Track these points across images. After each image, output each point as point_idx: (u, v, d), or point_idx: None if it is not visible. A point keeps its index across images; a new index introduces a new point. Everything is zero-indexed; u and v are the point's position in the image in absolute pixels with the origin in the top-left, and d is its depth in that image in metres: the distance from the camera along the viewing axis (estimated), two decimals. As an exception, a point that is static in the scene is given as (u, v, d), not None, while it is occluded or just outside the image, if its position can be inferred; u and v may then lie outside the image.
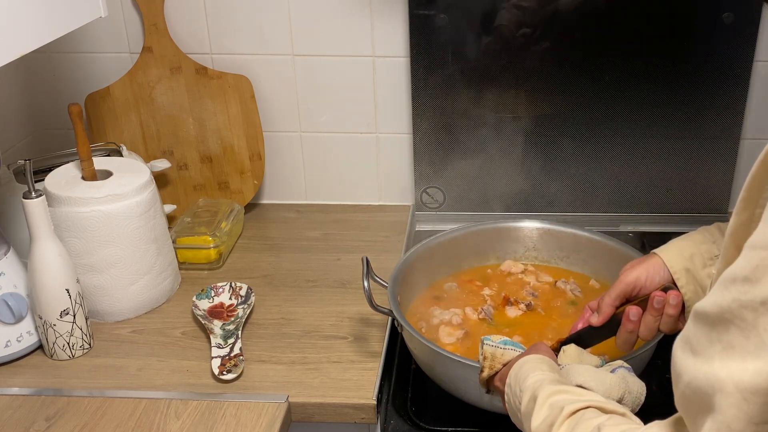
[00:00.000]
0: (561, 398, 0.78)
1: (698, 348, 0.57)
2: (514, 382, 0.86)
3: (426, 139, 1.57)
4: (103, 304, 1.28)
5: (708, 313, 0.56)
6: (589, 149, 1.55)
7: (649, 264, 1.00)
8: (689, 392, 0.58)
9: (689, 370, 0.58)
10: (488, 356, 0.95)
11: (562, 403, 0.77)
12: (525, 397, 0.82)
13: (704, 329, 0.57)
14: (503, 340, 0.96)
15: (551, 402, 0.78)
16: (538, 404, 0.78)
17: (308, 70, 1.57)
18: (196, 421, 1.07)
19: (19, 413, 1.09)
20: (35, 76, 1.61)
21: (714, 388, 0.54)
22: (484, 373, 0.95)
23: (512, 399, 0.85)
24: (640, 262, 1.02)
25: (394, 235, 1.56)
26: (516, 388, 0.85)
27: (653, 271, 0.99)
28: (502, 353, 0.94)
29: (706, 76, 1.48)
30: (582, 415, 0.74)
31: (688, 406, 0.59)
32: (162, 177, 1.59)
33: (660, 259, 0.99)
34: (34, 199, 1.12)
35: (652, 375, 1.15)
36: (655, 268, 0.99)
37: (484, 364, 0.95)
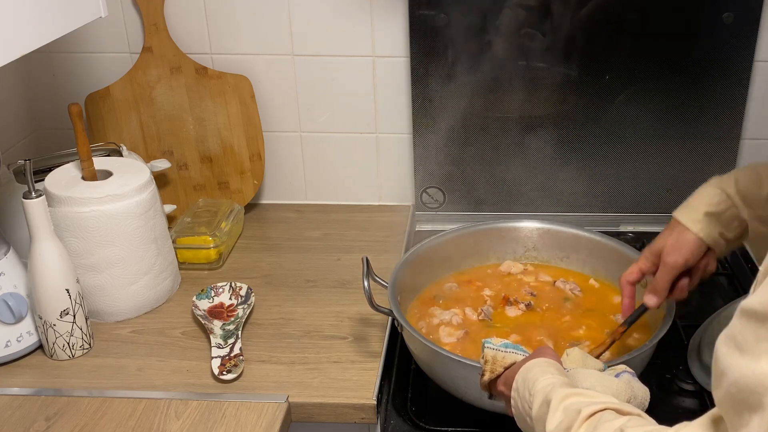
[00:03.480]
0: (576, 401, 0.76)
1: (745, 346, 0.57)
2: (523, 386, 0.85)
3: (426, 139, 1.57)
4: (103, 304, 1.28)
5: (756, 310, 0.56)
6: (589, 149, 1.55)
7: (692, 246, 1.04)
8: (735, 390, 0.57)
9: (735, 368, 0.57)
10: (489, 359, 0.93)
11: (577, 405, 0.75)
12: (536, 401, 0.80)
13: (752, 327, 0.56)
14: (504, 343, 0.94)
15: (566, 405, 0.76)
16: (552, 408, 0.77)
17: (308, 70, 1.57)
18: (196, 421, 1.07)
19: (19, 413, 1.09)
20: (35, 76, 1.61)
21: (764, 387, 0.54)
22: (485, 376, 0.94)
23: (520, 403, 0.84)
24: (681, 244, 1.04)
25: (394, 235, 1.56)
26: (525, 392, 0.83)
27: (697, 252, 1.04)
28: (504, 356, 0.93)
29: (706, 76, 1.48)
30: (600, 417, 0.73)
31: (733, 405, 0.58)
32: (162, 177, 1.59)
33: (697, 237, 1.04)
34: (34, 199, 1.12)
35: (652, 375, 1.15)
36: (698, 248, 1.04)
37: (485, 367, 0.94)
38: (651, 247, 1.08)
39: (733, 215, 1.04)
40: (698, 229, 1.04)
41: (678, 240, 1.04)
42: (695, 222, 1.04)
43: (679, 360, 1.18)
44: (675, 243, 1.05)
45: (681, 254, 1.04)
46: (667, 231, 1.07)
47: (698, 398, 1.13)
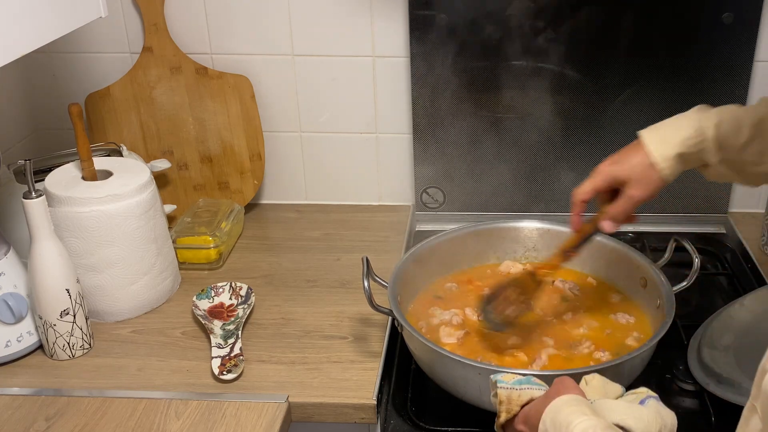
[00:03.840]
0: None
1: None
2: (553, 429, 0.78)
3: (426, 139, 1.57)
4: (103, 304, 1.28)
5: None
6: (589, 149, 1.55)
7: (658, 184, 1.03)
8: None
9: None
10: (504, 400, 0.86)
11: None
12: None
13: None
14: (518, 380, 0.88)
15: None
16: None
17: (308, 70, 1.57)
18: (196, 421, 1.07)
19: (19, 413, 1.09)
20: (35, 76, 1.61)
21: None
22: (501, 418, 0.87)
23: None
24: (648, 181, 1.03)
25: (394, 235, 1.56)
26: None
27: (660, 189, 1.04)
28: (519, 395, 0.86)
29: (706, 76, 1.48)
30: None
31: None
32: (162, 177, 1.59)
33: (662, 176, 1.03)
34: (34, 199, 1.12)
35: (652, 375, 1.15)
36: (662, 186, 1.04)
37: (500, 408, 0.87)
38: (613, 170, 1.06)
39: (700, 158, 1.03)
40: (666, 170, 1.02)
41: (645, 175, 1.03)
42: (665, 160, 1.02)
43: (679, 360, 1.18)
44: (641, 178, 1.03)
45: (647, 190, 1.03)
46: (633, 155, 1.04)
47: (698, 398, 1.13)
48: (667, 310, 1.10)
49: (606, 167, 1.07)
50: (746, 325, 1.23)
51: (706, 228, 1.59)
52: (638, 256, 1.24)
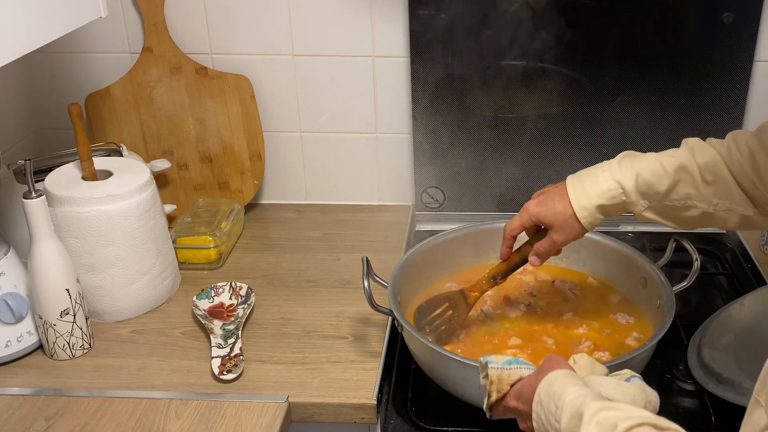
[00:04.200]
0: (610, 415, 0.74)
1: None
2: (547, 399, 0.81)
3: (426, 139, 1.57)
4: (103, 304, 1.28)
5: None
6: (589, 149, 1.55)
7: (577, 232, 1.09)
8: None
9: None
10: (494, 380, 0.89)
11: (613, 420, 0.73)
12: (565, 413, 0.77)
13: None
14: (507, 360, 0.90)
15: (600, 419, 0.73)
16: (584, 422, 0.74)
17: (308, 70, 1.57)
18: (196, 421, 1.07)
19: (19, 413, 1.09)
20: (35, 76, 1.61)
21: None
22: (492, 397, 0.89)
23: (545, 417, 0.81)
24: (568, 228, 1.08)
25: (394, 235, 1.56)
26: (550, 406, 0.80)
27: (579, 236, 1.10)
28: (509, 374, 0.89)
29: (706, 76, 1.48)
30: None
31: None
32: (162, 177, 1.59)
33: (582, 226, 1.08)
34: (34, 199, 1.12)
35: (652, 375, 1.15)
36: (581, 234, 1.09)
37: (490, 388, 0.89)
38: (539, 213, 1.10)
39: (622, 208, 1.07)
40: (585, 221, 1.07)
41: (566, 223, 1.08)
42: (584, 210, 1.06)
43: (679, 360, 1.18)
44: (563, 225, 1.08)
45: (568, 237, 1.09)
46: (558, 202, 1.09)
47: (698, 398, 1.13)
48: (667, 310, 1.10)
49: (533, 207, 1.12)
50: (746, 325, 1.23)
51: (707, 228, 1.59)
52: (638, 256, 1.24)
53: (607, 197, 1.06)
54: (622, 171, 1.06)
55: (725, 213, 1.04)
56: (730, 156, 1.03)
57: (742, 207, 1.03)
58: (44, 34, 1.06)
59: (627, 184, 1.05)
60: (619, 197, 1.05)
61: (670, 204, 1.05)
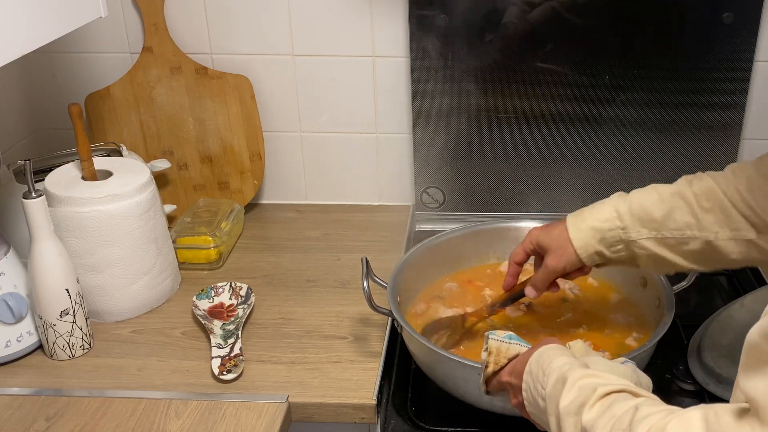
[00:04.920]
0: (592, 381, 0.77)
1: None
2: (536, 368, 0.85)
3: (426, 139, 1.57)
4: (103, 304, 1.28)
5: None
6: (589, 149, 1.56)
7: (571, 259, 1.08)
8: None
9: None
10: (493, 351, 0.92)
11: (593, 385, 0.77)
12: (551, 379, 0.81)
13: None
14: (508, 335, 0.94)
15: (582, 384, 0.77)
16: (567, 386, 0.78)
17: (308, 70, 1.57)
18: (196, 421, 1.07)
19: (19, 413, 1.09)
20: (35, 76, 1.61)
21: None
22: (489, 368, 0.93)
23: (533, 385, 0.84)
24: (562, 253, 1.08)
25: (394, 235, 1.56)
26: (539, 373, 0.84)
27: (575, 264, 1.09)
28: (508, 348, 0.92)
29: (706, 76, 1.48)
30: (616, 398, 0.74)
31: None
32: (162, 177, 1.59)
33: (575, 252, 1.07)
34: (34, 199, 1.12)
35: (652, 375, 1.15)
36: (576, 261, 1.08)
37: (489, 359, 0.92)
38: (540, 237, 1.11)
39: (617, 237, 1.05)
40: (578, 244, 1.06)
41: (561, 247, 1.08)
42: (578, 233, 1.07)
43: (679, 360, 1.18)
44: (557, 250, 1.08)
45: (560, 262, 1.08)
46: (557, 228, 1.09)
47: (698, 398, 1.13)
48: (667, 310, 1.10)
49: (535, 231, 1.13)
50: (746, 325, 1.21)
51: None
52: None
53: (601, 219, 1.05)
54: (618, 200, 1.07)
55: (727, 243, 1.02)
56: (727, 184, 1.02)
57: (744, 230, 1.01)
58: (44, 34, 1.06)
59: (622, 208, 1.05)
60: (613, 221, 1.05)
61: (670, 236, 1.04)
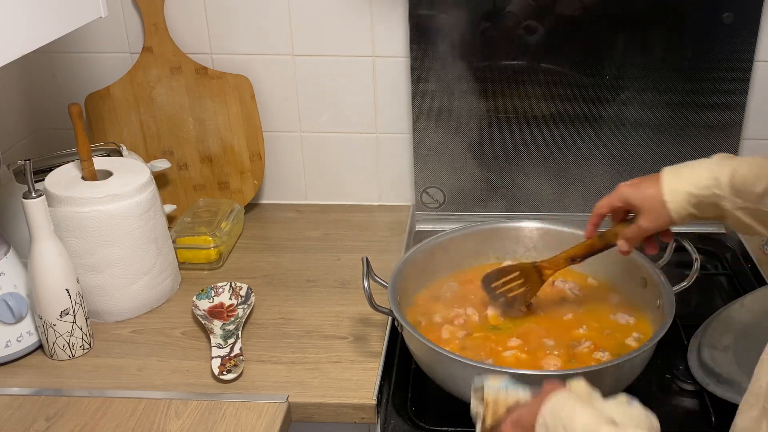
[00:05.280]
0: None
1: None
2: (554, 423, 0.78)
3: (426, 139, 1.57)
4: (103, 304, 1.28)
5: None
6: (589, 149, 1.55)
7: (665, 220, 1.06)
8: None
9: None
10: (490, 402, 0.85)
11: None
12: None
13: None
14: (504, 381, 0.87)
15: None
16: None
17: (308, 70, 1.57)
18: (196, 421, 1.07)
19: (19, 413, 1.09)
20: (35, 76, 1.61)
21: None
22: (488, 421, 0.85)
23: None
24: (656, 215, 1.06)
25: (394, 235, 1.56)
26: (557, 428, 0.78)
27: (668, 224, 1.07)
28: (506, 396, 0.85)
29: (706, 76, 1.48)
30: None
31: None
32: (162, 177, 1.59)
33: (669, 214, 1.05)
34: (34, 199, 1.12)
35: (652, 375, 1.15)
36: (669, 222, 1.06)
37: (485, 412, 0.85)
38: (630, 194, 1.09)
39: (713, 203, 1.03)
40: (672, 207, 1.04)
41: (655, 208, 1.06)
42: (674, 195, 1.04)
43: (679, 360, 1.18)
44: (652, 211, 1.06)
45: (655, 224, 1.07)
46: (650, 186, 1.07)
47: (698, 398, 1.13)
48: (667, 310, 1.10)
49: (625, 188, 1.09)
50: (746, 325, 1.23)
51: (706, 228, 1.59)
52: (638, 256, 1.24)
53: (699, 186, 1.03)
54: (719, 166, 1.03)
55: None
56: None
57: None
58: (44, 34, 1.06)
59: (723, 177, 1.01)
60: (711, 189, 1.02)
61: (761, 209, 1.00)
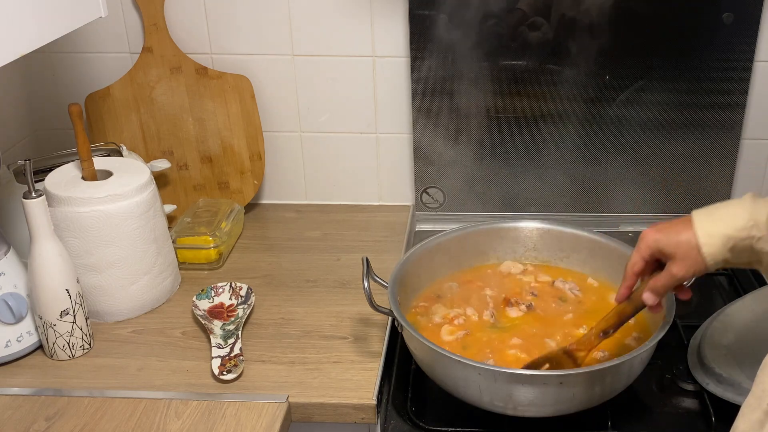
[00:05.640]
0: None
1: None
2: None
3: (426, 139, 1.57)
4: (103, 304, 1.28)
5: None
6: (589, 149, 1.56)
7: (699, 267, 0.99)
8: None
9: None
10: None
11: None
12: None
13: None
14: None
15: None
16: None
17: (308, 70, 1.57)
18: (196, 421, 1.07)
19: (19, 413, 1.09)
20: (35, 76, 1.61)
21: None
22: None
23: None
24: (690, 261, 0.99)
25: (394, 235, 1.56)
26: None
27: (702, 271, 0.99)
28: None
29: (706, 77, 1.48)
30: None
31: None
32: (162, 177, 1.59)
33: (704, 260, 0.98)
34: (34, 199, 1.12)
35: (652, 375, 1.15)
36: (704, 269, 0.99)
37: None
38: (661, 243, 1.02)
39: (748, 246, 0.97)
40: (708, 252, 0.98)
41: (688, 256, 0.99)
42: (709, 239, 0.97)
43: (679, 360, 1.18)
44: (684, 257, 0.99)
45: (689, 271, 1.00)
46: (682, 232, 1.00)
47: (698, 398, 1.13)
48: (667, 310, 1.10)
49: (652, 234, 1.03)
50: (746, 325, 1.23)
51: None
52: None
53: (737, 227, 0.96)
54: (755, 206, 0.96)
55: None
56: None
57: None
58: (44, 34, 1.06)
59: (761, 218, 0.95)
60: (749, 231, 0.95)
61: None
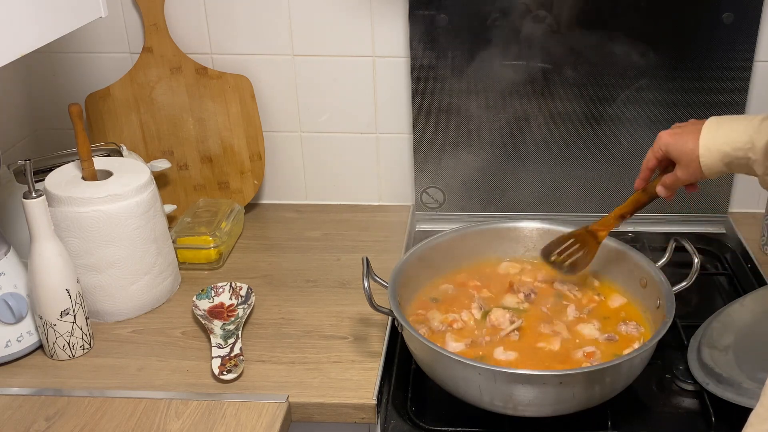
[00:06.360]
0: None
1: None
2: None
3: (426, 139, 1.57)
4: (103, 304, 1.28)
5: None
6: (589, 149, 1.56)
7: (698, 174, 1.09)
8: None
9: None
10: None
11: None
12: None
13: None
14: None
15: None
16: None
17: (308, 70, 1.57)
18: (196, 421, 1.07)
19: (19, 413, 1.09)
20: (35, 76, 1.62)
21: None
22: None
23: None
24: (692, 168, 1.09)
25: (394, 235, 1.56)
26: None
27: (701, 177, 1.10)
28: None
29: (706, 76, 1.48)
30: None
31: None
32: (162, 177, 1.60)
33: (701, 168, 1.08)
34: (34, 199, 1.12)
35: (652, 375, 1.15)
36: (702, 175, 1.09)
37: None
38: (670, 148, 1.11)
39: (744, 164, 1.04)
40: (705, 162, 1.06)
41: (689, 163, 1.08)
42: (707, 152, 1.05)
43: (679, 360, 1.18)
44: (687, 164, 1.09)
45: (690, 176, 1.10)
46: (689, 139, 1.08)
47: (698, 398, 1.13)
48: (667, 310, 1.10)
49: (666, 137, 1.12)
50: (746, 325, 1.23)
51: (706, 228, 1.59)
52: (638, 256, 1.24)
53: (734, 147, 1.03)
54: (759, 129, 1.02)
55: None
56: None
57: None
58: (44, 34, 1.06)
59: (759, 142, 1.01)
60: (745, 152, 1.02)
61: None
